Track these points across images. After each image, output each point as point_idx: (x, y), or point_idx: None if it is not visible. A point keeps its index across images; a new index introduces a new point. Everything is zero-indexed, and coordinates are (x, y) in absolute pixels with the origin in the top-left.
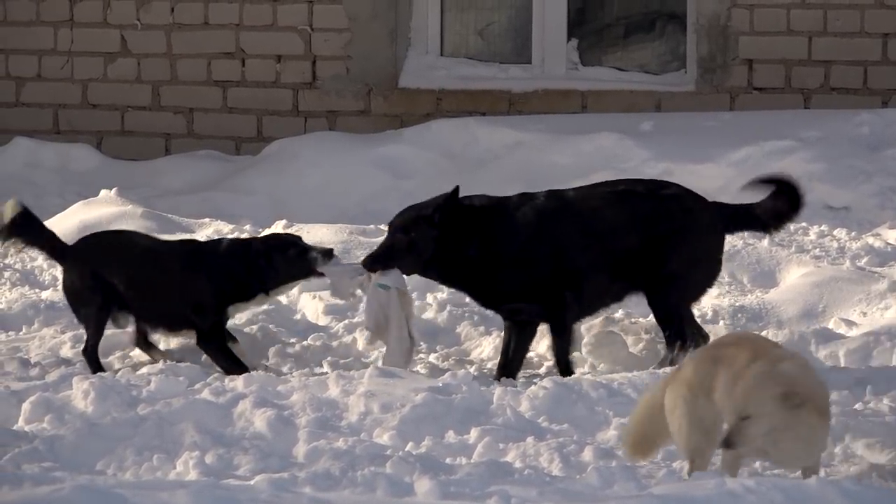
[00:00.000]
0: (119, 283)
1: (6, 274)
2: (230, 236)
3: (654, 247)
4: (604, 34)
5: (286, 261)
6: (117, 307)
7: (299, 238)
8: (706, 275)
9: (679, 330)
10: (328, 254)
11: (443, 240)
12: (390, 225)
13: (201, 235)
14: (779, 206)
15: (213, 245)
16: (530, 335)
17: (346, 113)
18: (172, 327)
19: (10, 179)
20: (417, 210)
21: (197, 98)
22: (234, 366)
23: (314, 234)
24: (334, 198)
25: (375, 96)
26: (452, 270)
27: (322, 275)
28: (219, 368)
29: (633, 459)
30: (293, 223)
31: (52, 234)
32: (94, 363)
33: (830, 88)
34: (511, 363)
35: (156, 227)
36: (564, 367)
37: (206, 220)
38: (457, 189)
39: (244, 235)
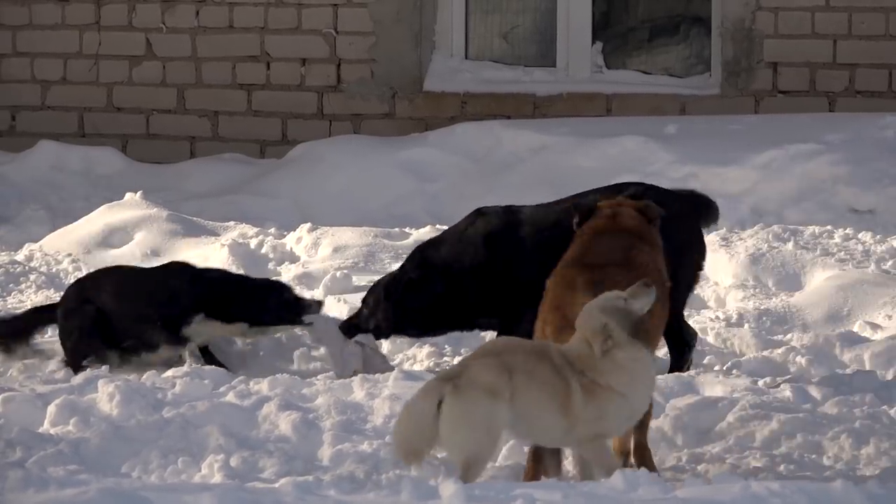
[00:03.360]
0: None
1: (31, 277)
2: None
3: None
4: (628, 37)
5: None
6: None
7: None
8: (690, 270)
9: (680, 333)
10: (319, 305)
11: (411, 303)
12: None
13: (226, 238)
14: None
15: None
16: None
17: (370, 116)
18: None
19: (35, 183)
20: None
21: (222, 101)
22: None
23: (339, 237)
24: (359, 201)
25: (400, 99)
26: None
27: (309, 324)
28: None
29: (408, 464)
30: (318, 226)
31: None
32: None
33: (855, 91)
34: None
35: (181, 230)
36: None
37: (231, 223)
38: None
39: (266, 242)
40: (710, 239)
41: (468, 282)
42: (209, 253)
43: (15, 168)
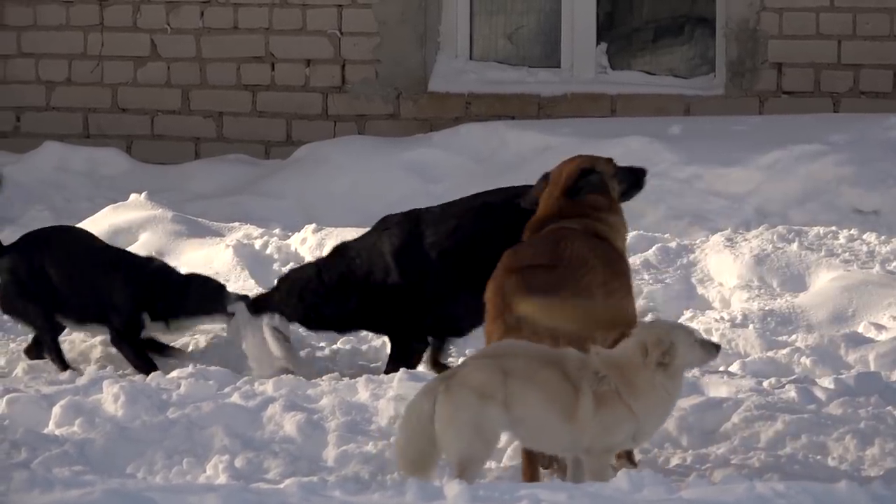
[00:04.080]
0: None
1: None
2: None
3: None
4: (633, 38)
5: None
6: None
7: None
8: None
9: None
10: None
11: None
12: None
13: (231, 239)
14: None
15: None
16: None
17: (375, 117)
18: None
19: (40, 183)
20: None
21: (226, 102)
22: (144, 364)
23: (343, 238)
24: (363, 202)
25: (404, 100)
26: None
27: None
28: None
29: (410, 476)
30: (322, 227)
31: None
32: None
33: (860, 92)
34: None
35: (185, 230)
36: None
37: (236, 224)
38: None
39: (271, 243)
40: (715, 240)
41: (378, 293)
42: (214, 254)
43: (20, 169)
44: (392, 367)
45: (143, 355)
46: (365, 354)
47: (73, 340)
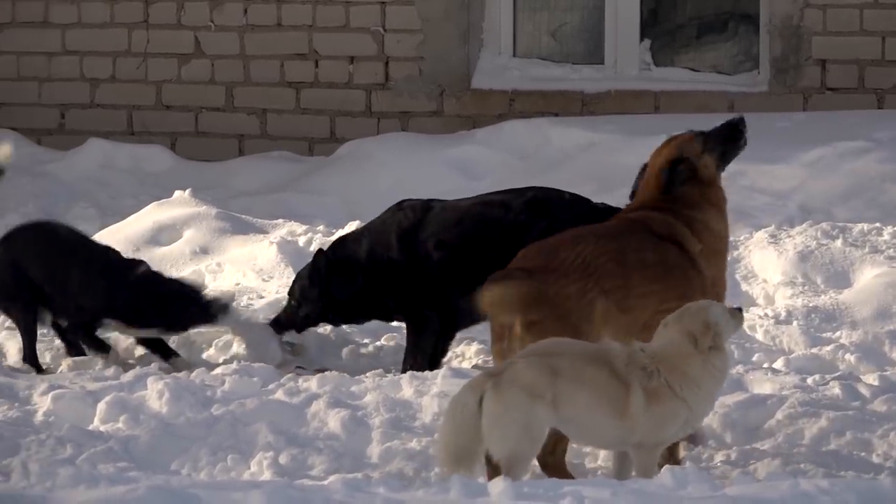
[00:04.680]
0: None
1: None
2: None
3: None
4: (676, 35)
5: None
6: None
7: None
8: None
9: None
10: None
11: (328, 292)
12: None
13: (275, 236)
14: None
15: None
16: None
17: (418, 114)
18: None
19: (84, 181)
20: (298, 279)
21: (270, 99)
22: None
23: None
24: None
25: (448, 97)
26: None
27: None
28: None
29: (453, 472)
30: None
31: None
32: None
33: None
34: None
35: (229, 227)
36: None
37: (280, 220)
38: (320, 251)
39: (314, 240)
40: (759, 236)
41: (382, 276)
42: (257, 251)
43: (64, 166)
44: (412, 345)
45: (97, 340)
46: None
47: (118, 337)
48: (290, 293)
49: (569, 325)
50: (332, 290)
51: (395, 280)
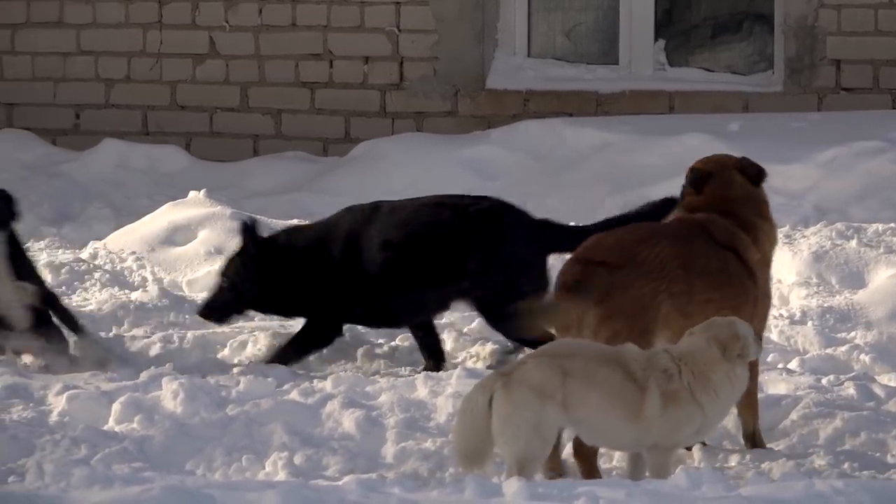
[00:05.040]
0: None
1: (96, 275)
2: None
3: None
4: (691, 35)
5: None
6: None
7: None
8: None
9: None
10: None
11: (263, 277)
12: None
13: None
14: None
15: None
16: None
17: (433, 114)
18: None
19: (99, 181)
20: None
21: (285, 99)
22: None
23: None
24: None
25: (462, 97)
26: (286, 301)
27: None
28: None
29: (468, 471)
30: None
31: None
32: None
33: None
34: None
35: None
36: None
37: (294, 221)
38: (251, 224)
39: None
40: None
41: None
42: None
43: (79, 166)
44: (293, 347)
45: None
46: None
47: (133, 337)
48: (223, 273)
49: (639, 325)
50: (273, 275)
51: (330, 278)
